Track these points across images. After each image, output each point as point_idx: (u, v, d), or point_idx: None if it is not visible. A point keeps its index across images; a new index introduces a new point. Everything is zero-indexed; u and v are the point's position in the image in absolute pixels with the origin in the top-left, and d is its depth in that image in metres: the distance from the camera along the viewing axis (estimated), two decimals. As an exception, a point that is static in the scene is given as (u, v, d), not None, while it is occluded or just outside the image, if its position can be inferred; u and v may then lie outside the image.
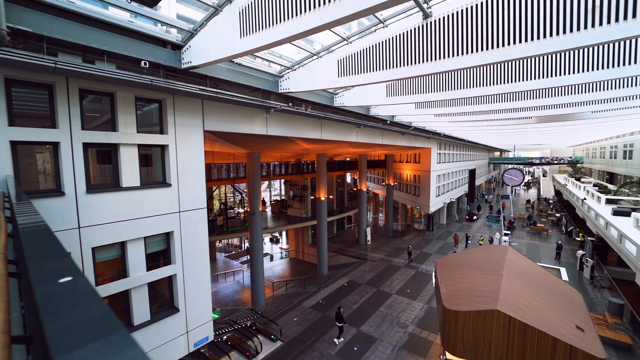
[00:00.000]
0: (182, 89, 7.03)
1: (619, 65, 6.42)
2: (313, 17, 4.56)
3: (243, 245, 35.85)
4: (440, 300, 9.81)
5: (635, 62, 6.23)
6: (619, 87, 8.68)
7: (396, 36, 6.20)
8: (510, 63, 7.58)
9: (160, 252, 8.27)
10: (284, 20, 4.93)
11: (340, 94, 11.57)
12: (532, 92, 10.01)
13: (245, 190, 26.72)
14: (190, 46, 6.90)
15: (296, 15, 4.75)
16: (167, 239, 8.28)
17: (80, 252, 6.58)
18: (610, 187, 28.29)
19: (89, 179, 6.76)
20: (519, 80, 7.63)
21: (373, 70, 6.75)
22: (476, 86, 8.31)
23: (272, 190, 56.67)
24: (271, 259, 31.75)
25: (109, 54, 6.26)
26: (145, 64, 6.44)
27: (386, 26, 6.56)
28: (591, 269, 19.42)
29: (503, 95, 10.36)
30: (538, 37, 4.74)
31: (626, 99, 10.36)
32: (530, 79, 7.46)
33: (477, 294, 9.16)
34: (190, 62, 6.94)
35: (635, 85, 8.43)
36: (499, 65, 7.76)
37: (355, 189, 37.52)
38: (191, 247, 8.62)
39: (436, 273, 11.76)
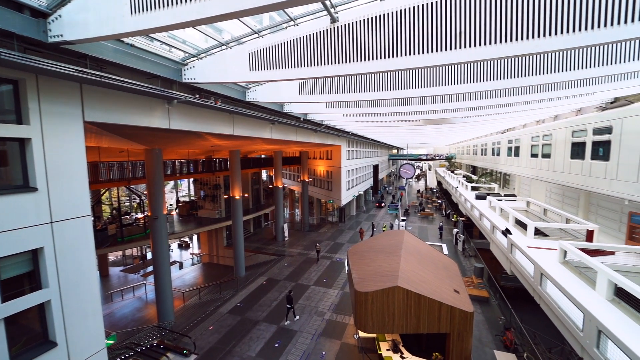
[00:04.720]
0: (48, 67, 5.60)
1: (479, 81, 8.18)
2: (219, 2, 4.27)
3: (144, 254, 31.40)
4: (352, 284, 10.70)
5: (491, 80, 8.05)
6: (479, 99, 11.11)
7: (306, 36, 6.37)
8: (404, 72, 8.77)
9: (25, 276, 6.46)
10: (186, 1, 4.47)
11: (252, 88, 11.24)
12: (419, 98, 11.81)
13: (145, 192, 23.38)
14: (60, 15, 5.55)
15: (200, -2, 4.36)
16: (34, 257, 6.54)
17: None
18: (474, 177, 35.92)
19: None
20: (409, 88, 8.93)
21: (285, 67, 6.76)
22: (376, 90, 9.31)
23: (180, 191, 51.32)
24: (180, 266, 28.82)
25: None
26: (-13, 31, 4.90)
27: (297, 25, 6.67)
28: (462, 242, 24.42)
29: (397, 99, 11.89)
30: (427, 51, 5.57)
31: (483, 108, 13.31)
32: (418, 87, 8.82)
33: (382, 274, 10.36)
34: (62, 35, 5.60)
35: (490, 97, 10.91)
36: (393, 72, 8.87)
37: (271, 186, 37.26)
38: (71, 264, 7.03)
39: (348, 260, 12.77)
